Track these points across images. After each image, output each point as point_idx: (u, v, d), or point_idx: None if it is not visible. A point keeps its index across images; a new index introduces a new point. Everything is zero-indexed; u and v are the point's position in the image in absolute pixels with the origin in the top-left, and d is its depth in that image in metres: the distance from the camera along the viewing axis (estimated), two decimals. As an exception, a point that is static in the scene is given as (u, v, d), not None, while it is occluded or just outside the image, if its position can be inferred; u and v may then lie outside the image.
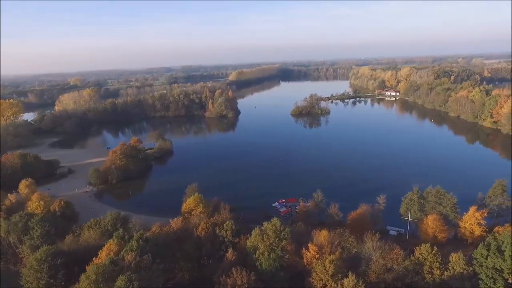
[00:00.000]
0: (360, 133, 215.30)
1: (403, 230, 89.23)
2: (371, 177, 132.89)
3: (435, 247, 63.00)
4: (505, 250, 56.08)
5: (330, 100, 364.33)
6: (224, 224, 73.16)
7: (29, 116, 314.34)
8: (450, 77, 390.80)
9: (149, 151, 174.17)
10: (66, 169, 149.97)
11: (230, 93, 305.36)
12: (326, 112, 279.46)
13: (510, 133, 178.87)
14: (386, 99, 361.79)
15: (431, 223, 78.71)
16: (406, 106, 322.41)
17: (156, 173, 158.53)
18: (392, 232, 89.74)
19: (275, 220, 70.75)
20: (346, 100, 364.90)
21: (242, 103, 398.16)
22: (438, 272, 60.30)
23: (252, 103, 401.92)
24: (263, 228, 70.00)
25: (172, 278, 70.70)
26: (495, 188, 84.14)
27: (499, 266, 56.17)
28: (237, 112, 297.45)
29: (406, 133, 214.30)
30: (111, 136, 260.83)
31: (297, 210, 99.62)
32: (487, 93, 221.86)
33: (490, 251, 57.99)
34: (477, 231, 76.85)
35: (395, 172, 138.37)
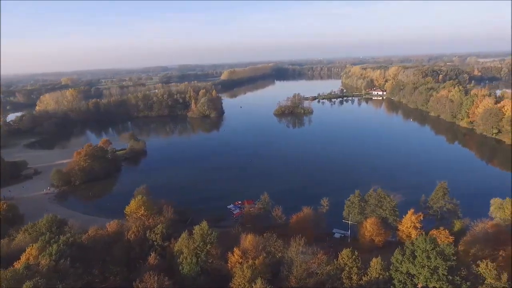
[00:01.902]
0: (337, 134, 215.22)
1: (348, 232, 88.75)
2: (337, 178, 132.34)
3: (355, 252, 62.46)
4: (417, 256, 55.56)
5: (317, 100, 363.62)
6: (155, 228, 72.79)
7: (15, 116, 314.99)
8: (438, 76, 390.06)
9: (121, 151, 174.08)
10: (32, 171, 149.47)
11: (214, 93, 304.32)
12: (309, 112, 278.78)
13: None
14: (373, 98, 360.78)
15: (369, 227, 78.29)
16: (391, 105, 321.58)
17: (125, 174, 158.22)
18: (337, 235, 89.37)
19: (203, 224, 70.44)
20: (333, 100, 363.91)
21: (233, 102, 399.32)
22: (356, 277, 59.82)
23: (243, 102, 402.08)
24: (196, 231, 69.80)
25: (103, 281, 70.56)
26: (437, 190, 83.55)
27: (412, 271, 55.68)
28: (221, 112, 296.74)
29: (385, 133, 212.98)
30: (95, 136, 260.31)
31: (243, 213, 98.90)
32: (466, 92, 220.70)
33: (405, 256, 57.48)
34: (413, 235, 76.24)
35: (362, 172, 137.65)
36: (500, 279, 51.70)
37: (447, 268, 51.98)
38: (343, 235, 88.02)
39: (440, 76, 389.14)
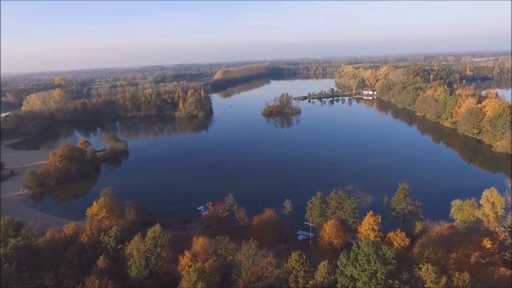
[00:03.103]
0: (323, 134, 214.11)
1: (313, 235, 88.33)
2: (315, 179, 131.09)
3: (303, 255, 62.10)
4: (359, 260, 55.15)
5: (308, 100, 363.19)
6: (109, 231, 72.26)
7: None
8: (429, 76, 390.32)
9: (102, 152, 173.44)
10: (8, 172, 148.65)
11: (202, 92, 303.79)
12: (297, 112, 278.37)
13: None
14: (363, 98, 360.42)
15: (328, 229, 77.90)
16: (381, 105, 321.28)
17: (104, 175, 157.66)
18: (301, 237, 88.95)
19: (156, 226, 70.04)
20: (324, 99, 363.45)
21: (226, 102, 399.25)
22: (302, 280, 59.43)
23: (236, 101, 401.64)
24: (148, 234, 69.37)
25: (57, 285, 70.05)
26: (399, 192, 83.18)
27: (355, 275, 55.26)
28: (209, 112, 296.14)
29: (371, 134, 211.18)
30: (82, 137, 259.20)
31: (206, 215, 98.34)
32: (451, 92, 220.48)
33: (349, 259, 57.06)
34: (372, 237, 75.85)
35: (341, 173, 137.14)
36: (439, 282, 51.36)
37: (385, 272, 51.54)
38: (306, 237, 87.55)
39: (431, 75, 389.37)
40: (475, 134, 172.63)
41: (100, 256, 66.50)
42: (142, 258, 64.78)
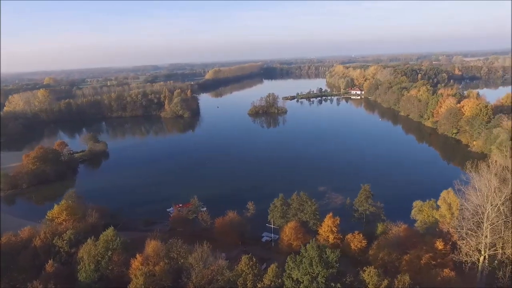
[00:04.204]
0: (307, 134, 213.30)
1: (277, 236, 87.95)
2: (292, 179, 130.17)
3: (253, 258, 61.66)
4: (303, 263, 54.81)
5: (296, 99, 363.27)
6: (64, 234, 71.31)
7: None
8: (417, 75, 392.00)
9: (80, 153, 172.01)
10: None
11: (189, 92, 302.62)
12: (283, 112, 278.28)
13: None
14: (351, 97, 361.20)
15: (287, 231, 77.51)
16: (368, 105, 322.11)
17: (82, 176, 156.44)
18: (265, 239, 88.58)
19: (109, 229, 69.20)
20: (312, 99, 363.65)
21: (217, 101, 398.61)
22: (250, 284, 58.99)
23: (227, 101, 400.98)
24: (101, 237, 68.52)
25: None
26: (360, 194, 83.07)
27: (299, 278, 54.92)
28: (196, 112, 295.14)
29: (355, 134, 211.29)
30: (67, 137, 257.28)
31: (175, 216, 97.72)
32: (434, 92, 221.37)
33: (295, 262, 56.68)
34: (331, 239, 75.73)
35: (318, 174, 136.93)
36: (381, 285, 51.19)
37: (326, 275, 51.23)
38: (270, 239, 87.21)
39: (419, 75, 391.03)
40: (454, 134, 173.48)
41: (49, 260, 65.52)
42: (92, 261, 63.92)
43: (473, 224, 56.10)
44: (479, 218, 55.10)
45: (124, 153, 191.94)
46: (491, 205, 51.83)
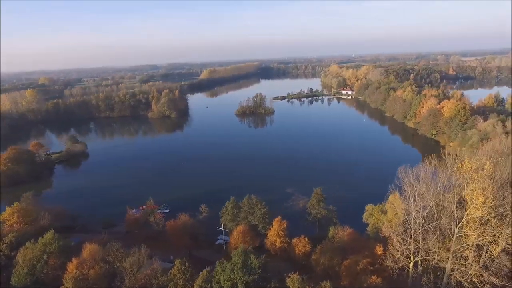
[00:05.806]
0: (292, 134, 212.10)
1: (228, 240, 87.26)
2: (267, 180, 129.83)
3: (186, 263, 60.93)
4: (226, 268, 54.16)
5: (287, 99, 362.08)
6: (5, 237, 70.91)
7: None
8: (410, 75, 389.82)
9: (58, 154, 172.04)
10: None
11: (177, 92, 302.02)
12: (270, 112, 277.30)
13: None
14: (343, 97, 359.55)
15: (236, 234, 76.81)
16: (358, 105, 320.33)
17: (59, 177, 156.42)
18: (219, 242, 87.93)
19: (49, 232, 68.70)
20: (303, 99, 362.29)
21: (208, 101, 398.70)
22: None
23: (220, 102, 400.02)
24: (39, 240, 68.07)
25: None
26: (313, 197, 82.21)
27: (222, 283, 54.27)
28: (183, 112, 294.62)
29: (341, 134, 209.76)
30: (55, 138, 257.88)
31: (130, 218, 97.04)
32: (419, 93, 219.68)
33: (222, 267, 56.03)
34: (278, 243, 75.05)
35: (296, 176, 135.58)
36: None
37: (246, 281, 50.56)
38: (224, 242, 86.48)
39: (412, 75, 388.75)
40: (433, 135, 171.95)
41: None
42: (27, 265, 63.44)
43: (403, 229, 55.20)
44: (408, 224, 54.21)
45: (105, 154, 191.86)
46: (415, 211, 50.92)
